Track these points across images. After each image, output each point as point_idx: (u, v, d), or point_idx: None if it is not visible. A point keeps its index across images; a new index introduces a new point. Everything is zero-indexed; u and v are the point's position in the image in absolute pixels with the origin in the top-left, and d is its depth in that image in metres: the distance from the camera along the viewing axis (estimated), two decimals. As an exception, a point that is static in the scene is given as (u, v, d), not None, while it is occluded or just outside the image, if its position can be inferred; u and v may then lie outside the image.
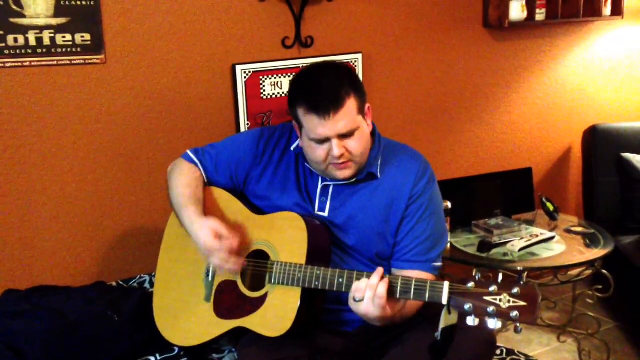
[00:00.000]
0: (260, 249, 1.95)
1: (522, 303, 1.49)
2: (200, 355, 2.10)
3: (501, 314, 1.51)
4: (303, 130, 1.91)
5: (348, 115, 1.84)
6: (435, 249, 1.96)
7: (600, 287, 2.93)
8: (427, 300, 1.64)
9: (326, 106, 1.81)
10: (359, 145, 1.88)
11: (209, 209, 2.06)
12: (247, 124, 2.72)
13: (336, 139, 1.84)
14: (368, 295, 1.68)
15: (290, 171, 2.03)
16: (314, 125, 1.84)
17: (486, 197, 3.14)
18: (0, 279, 2.39)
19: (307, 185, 2.00)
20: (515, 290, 1.51)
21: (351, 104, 1.85)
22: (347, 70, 1.94)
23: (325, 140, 1.86)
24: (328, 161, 1.88)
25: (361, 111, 1.90)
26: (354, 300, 1.71)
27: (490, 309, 1.51)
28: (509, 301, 1.50)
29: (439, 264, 1.97)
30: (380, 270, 1.71)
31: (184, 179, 2.06)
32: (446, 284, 1.60)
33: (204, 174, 2.10)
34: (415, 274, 1.86)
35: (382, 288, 1.67)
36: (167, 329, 2.06)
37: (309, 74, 1.94)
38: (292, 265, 1.84)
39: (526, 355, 2.20)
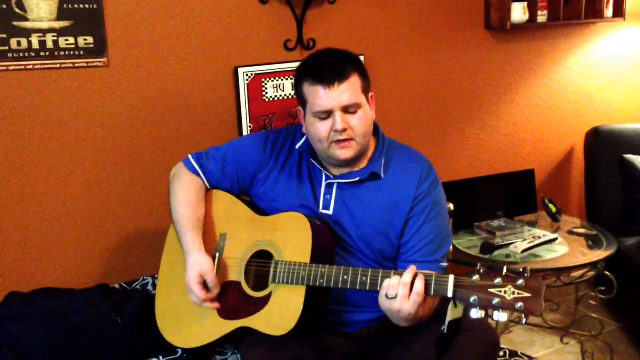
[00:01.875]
0: (263, 249, 1.95)
1: (527, 294, 1.50)
2: (203, 357, 2.08)
3: (506, 306, 1.51)
4: (307, 107, 1.92)
5: (352, 88, 1.87)
6: (441, 250, 1.96)
7: (603, 288, 2.93)
8: (432, 294, 1.64)
9: (331, 76, 1.86)
10: (361, 124, 1.89)
11: (212, 211, 2.07)
12: (250, 127, 2.72)
13: (340, 111, 1.86)
14: (401, 292, 1.66)
15: (295, 171, 2.03)
16: (318, 96, 1.87)
17: (489, 198, 3.14)
18: (3, 282, 2.39)
19: (312, 183, 2.01)
20: (520, 282, 1.51)
21: (355, 79, 1.89)
22: (352, 54, 1.99)
23: (328, 116, 1.88)
24: (330, 139, 1.89)
25: (365, 92, 1.92)
26: (387, 297, 1.69)
27: (495, 300, 1.51)
28: (513, 293, 1.51)
29: (445, 264, 1.97)
30: (413, 268, 1.68)
31: (185, 194, 2.05)
32: (451, 277, 1.60)
33: (206, 181, 2.10)
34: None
35: (420, 284, 1.65)
36: (169, 332, 2.05)
37: (314, 55, 2.00)
38: (296, 264, 1.84)
39: (529, 357, 2.18)
